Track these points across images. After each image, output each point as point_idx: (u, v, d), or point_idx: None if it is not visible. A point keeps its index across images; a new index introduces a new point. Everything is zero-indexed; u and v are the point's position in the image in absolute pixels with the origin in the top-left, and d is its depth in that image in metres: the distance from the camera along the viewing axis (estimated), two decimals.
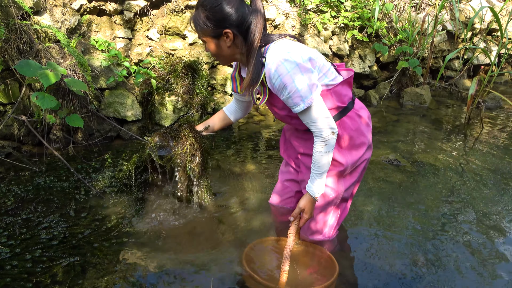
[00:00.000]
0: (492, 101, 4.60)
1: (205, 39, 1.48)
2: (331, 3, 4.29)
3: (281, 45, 1.44)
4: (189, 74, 3.40)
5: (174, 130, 1.94)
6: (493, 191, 2.54)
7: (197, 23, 1.45)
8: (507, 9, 5.02)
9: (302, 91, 1.40)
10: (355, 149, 1.66)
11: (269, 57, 1.43)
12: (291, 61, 1.39)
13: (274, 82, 1.43)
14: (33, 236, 1.93)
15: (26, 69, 2.33)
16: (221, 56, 1.53)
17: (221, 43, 1.47)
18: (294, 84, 1.39)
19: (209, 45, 1.49)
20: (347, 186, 1.72)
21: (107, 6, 3.24)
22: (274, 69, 1.40)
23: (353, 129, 1.62)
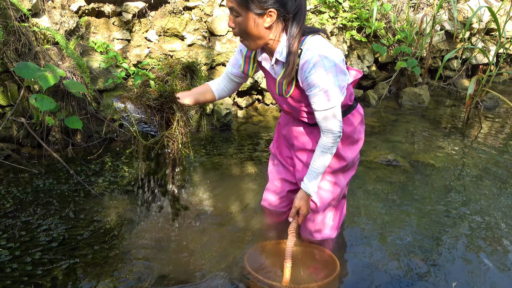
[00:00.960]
0: (491, 100, 4.61)
1: (243, 12, 1.34)
2: (329, 4, 4.29)
3: (320, 40, 1.41)
4: (188, 75, 3.40)
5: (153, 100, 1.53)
6: (492, 191, 2.55)
7: None
8: (505, 8, 5.03)
9: (333, 92, 1.41)
10: (354, 144, 1.74)
11: (306, 50, 1.39)
12: (330, 59, 1.38)
13: (307, 75, 1.40)
14: (32, 239, 1.93)
15: (24, 71, 2.32)
16: (251, 36, 1.40)
17: (260, 21, 1.36)
18: (328, 83, 1.39)
19: (244, 20, 1.36)
20: (347, 181, 1.79)
21: (105, 8, 3.24)
22: (313, 63, 1.37)
23: (355, 125, 1.70)
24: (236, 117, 3.82)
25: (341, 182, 1.74)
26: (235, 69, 1.69)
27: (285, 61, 1.43)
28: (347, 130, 1.66)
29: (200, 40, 3.55)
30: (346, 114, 1.65)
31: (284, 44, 1.42)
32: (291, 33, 1.39)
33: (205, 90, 1.74)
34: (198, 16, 3.54)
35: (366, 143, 3.29)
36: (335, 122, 1.48)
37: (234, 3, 1.34)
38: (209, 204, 2.29)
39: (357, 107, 1.72)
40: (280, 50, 1.44)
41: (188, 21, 3.51)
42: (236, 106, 3.91)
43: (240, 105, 3.92)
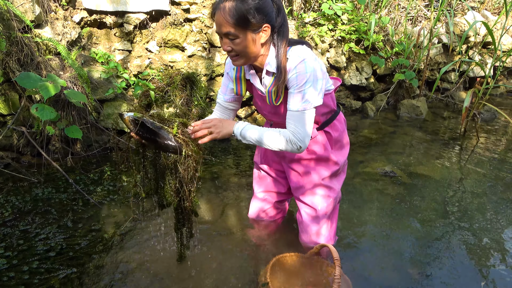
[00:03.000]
0: (488, 113, 4.64)
1: (240, 34, 1.38)
2: (328, 17, 4.35)
3: (304, 49, 1.48)
4: (188, 86, 3.42)
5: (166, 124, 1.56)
6: (489, 204, 2.56)
7: (237, 14, 1.34)
8: (501, 22, 5.10)
9: (305, 96, 1.44)
10: (343, 148, 1.81)
11: (291, 57, 1.45)
12: (311, 65, 1.43)
13: (290, 76, 1.45)
14: (30, 248, 1.94)
15: (26, 81, 2.36)
16: (250, 54, 1.44)
17: (257, 38, 1.41)
18: (305, 84, 1.43)
19: (242, 40, 1.39)
20: (341, 184, 1.84)
21: (107, 19, 3.29)
22: (295, 65, 1.43)
23: (341, 130, 1.77)
24: None
25: (335, 186, 1.80)
26: (228, 95, 1.73)
27: (276, 71, 1.47)
28: (335, 135, 1.73)
29: (200, 51, 3.60)
30: (332, 120, 1.71)
31: (273, 55, 1.48)
32: (279, 45, 1.45)
33: None
34: (198, 28, 3.59)
35: (363, 154, 3.32)
36: (303, 127, 1.46)
37: (231, 28, 1.37)
38: (207, 214, 2.30)
39: (340, 113, 1.79)
40: (269, 61, 1.49)
41: (189, 32, 3.56)
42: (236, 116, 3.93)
43: (239, 116, 3.95)
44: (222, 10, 1.36)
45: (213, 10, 1.43)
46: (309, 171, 1.75)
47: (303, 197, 1.80)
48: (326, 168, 1.74)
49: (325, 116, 1.68)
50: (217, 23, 1.40)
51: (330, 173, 1.75)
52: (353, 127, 4.06)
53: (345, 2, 4.53)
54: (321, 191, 1.76)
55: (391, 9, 4.96)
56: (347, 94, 4.64)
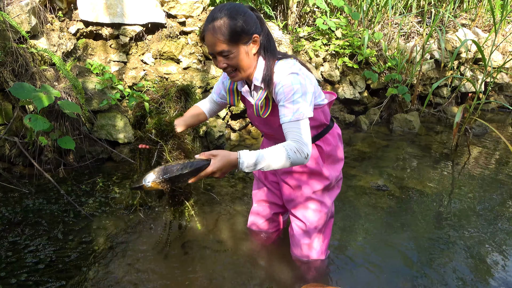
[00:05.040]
0: (480, 128, 4.70)
1: (233, 49, 1.41)
2: (322, 31, 4.42)
3: (290, 62, 1.51)
4: (182, 97, 3.45)
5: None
6: (481, 217, 2.58)
7: (228, 31, 1.37)
8: (491, 39, 5.20)
9: (296, 105, 1.42)
10: (336, 163, 1.80)
11: (277, 71, 1.48)
12: (297, 77, 1.45)
13: (277, 90, 1.47)
14: (19, 260, 1.91)
15: (20, 92, 2.36)
16: (244, 66, 1.47)
17: (249, 49, 1.45)
18: (293, 96, 1.43)
19: (236, 56, 1.42)
20: (333, 199, 1.84)
21: (103, 31, 3.31)
22: (280, 79, 1.46)
23: (334, 145, 1.76)
24: (229, 139, 3.85)
25: (327, 201, 1.79)
26: (219, 98, 1.80)
27: (262, 84, 1.50)
28: (327, 149, 1.73)
29: (195, 63, 3.63)
30: (324, 134, 1.72)
31: (260, 69, 1.50)
32: (268, 56, 1.48)
33: (198, 112, 1.82)
34: (194, 41, 3.62)
35: (356, 167, 3.34)
36: (304, 136, 1.41)
37: (224, 45, 1.39)
38: (200, 225, 2.28)
39: (334, 126, 1.79)
40: (257, 76, 1.51)
41: (184, 45, 3.59)
42: (229, 128, 3.95)
43: (233, 128, 3.96)
44: (212, 30, 1.38)
45: (202, 33, 1.46)
46: (300, 185, 1.76)
47: (294, 211, 1.81)
48: (318, 182, 1.75)
49: (315, 129, 1.68)
50: (209, 44, 1.43)
51: (322, 187, 1.76)
52: (346, 140, 4.09)
53: (339, 17, 4.61)
54: (312, 205, 1.77)
55: (384, 25, 5.04)
56: (341, 107, 4.68)
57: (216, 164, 1.34)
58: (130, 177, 2.92)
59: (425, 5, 5.23)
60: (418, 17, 5.58)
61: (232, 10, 1.39)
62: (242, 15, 1.40)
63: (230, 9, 1.39)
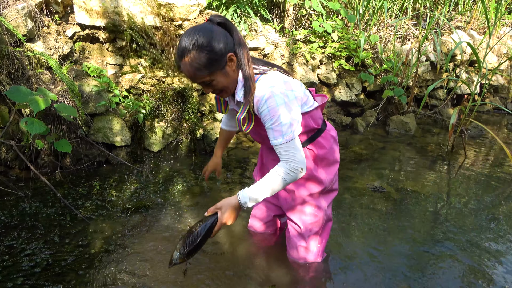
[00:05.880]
0: (475, 129, 4.72)
1: (213, 77, 1.42)
2: (319, 34, 4.44)
3: (272, 77, 1.48)
4: (179, 100, 3.46)
5: None
6: (478, 218, 2.59)
7: (201, 64, 1.37)
8: (486, 41, 5.24)
9: (284, 127, 1.44)
10: (330, 166, 1.78)
11: (259, 87, 1.46)
12: (281, 96, 1.44)
13: (261, 111, 1.47)
14: (15, 263, 1.90)
15: (16, 95, 2.36)
16: (229, 85, 1.49)
17: (228, 70, 1.44)
18: (279, 118, 1.44)
19: (217, 80, 1.44)
20: (329, 202, 1.82)
21: (100, 34, 3.32)
22: (265, 100, 1.43)
23: (327, 148, 1.73)
24: None
25: (322, 204, 1.78)
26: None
27: (243, 100, 1.49)
28: (320, 153, 1.71)
29: None
30: (316, 137, 1.70)
31: (241, 84, 1.50)
32: (243, 67, 1.46)
33: (228, 136, 2.03)
34: None
35: (353, 169, 3.35)
36: (296, 154, 1.47)
37: (203, 77, 1.41)
38: None
39: (327, 129, 1.77)
40: (238, 92, 1.51)
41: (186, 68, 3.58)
42: None
43: None
44: (186, 66, 1.39)
45: (178, 67, 1.47)
46: (295, 188, 1.75)
47: (290, 214, 1.81)
48: (313, 185, 1.74)
49: (305, 134, 1.67)
50: (188, 77, 1.44)
51: (317, 191, 1.75)
52: (343, 142, 4.10)
53: (335, 20, 4.63)
54: (308, 208, 1.77)
55: (380, 28, 5.07)
56: (338, 110, 4.70)
57: (224, 215, 1.49)
58: (127, 180, 2.92)
59: (421, 8, 5.26)
60: (413, 19, 5.62)
61: (198, 40, 1.36)
62: (209, 41, 1.37)
63: (196, 40, 1.36)
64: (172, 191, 2.79)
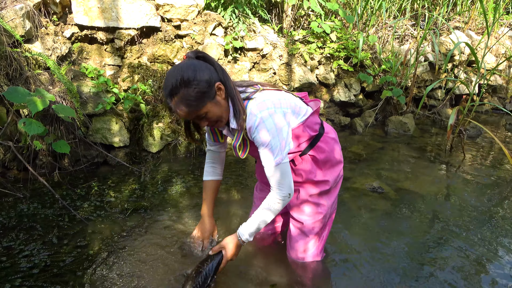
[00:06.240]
0: (474, 129, 4.73)
1: (205, 109, 1.45)
2: (317, 34, 4.44)
3: (259, 101, 1.52)
4: None
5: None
6: (476, 218, 2.59)
7: (192, 99, 1.40)
8: (484, 41, 5.25)
9: (275, 151, 1.51)
10: (334, 167, 1.81)
11: (249, 114, 1.50)
12: (270, 120, 1.49)
13: (254, 137, 1.53)
14: (13, 265, 1.90)
15: (14, 96, 2.35)
16: (223, 114, 1.52)
17: (218, 99, 1.48)
18: (270, 142, 1.50)
19: (211, 112, 1.47)
20: (332, 200, 1.84)
21: (98, 35, 3.31)
22: (255, 127, 1.49)
23: (329, 151, 1.75)
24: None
25: (324, 203, 1.80)
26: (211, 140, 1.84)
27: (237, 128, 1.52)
28: (321, 157, 1.73)
29: None
30: (315, 143, 1.72)
31: (232, 112, 1.52)
32: (231, 96, 1.50)
33: (215, 187, 1.91)
34: (189, 44, 3.63)
35: (352, 169, 3.35)
36: (285, 179, 1.56)
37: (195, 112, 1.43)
38: None
39: (326, 131, 1.78)
40: (231, 120, 1.54)
41: (179, 48, 3.59)
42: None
43: None
44: (177, 105, 1.41)
45: (169, 110, 1.48)
46: (298, 188, 1.78)
47: (292, 212, 1.83)
48: (315, 186, 1.76)
49: (305, 143, 1.70)
50: (181, 116, 1.46)
51: (320, 191, 1.77)
52: (342, 143, 4.08)
53: (334, 20, 4.63)
54: (310, 207, 1.78)
55: (378, 28, 5.08)
56: (336, 110, 4.70)
57: (228, 253, 1.66)
58: (125, 181, 2.91)
59: (419, 8, 5.27)
60: (412, 20, 5.62)
61: (184, 76, 1.38)
62: (194, 75, 1.39)
63: (182, 77, 1.38)
64: (171, 192, 2.79)
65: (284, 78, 4.14)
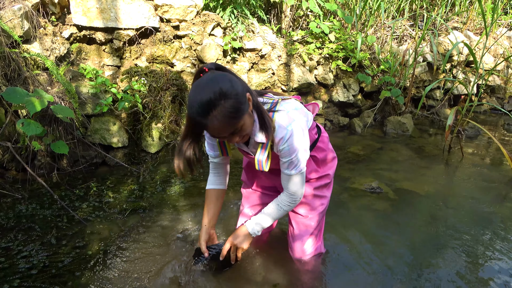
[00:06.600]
0: (472, 130, 4.74)
1: (242, 122, 1.37)
2: (316, 35, 4.45)
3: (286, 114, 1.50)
4: (176, 101, 3.46)
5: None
6: (475, 218, 2.60)
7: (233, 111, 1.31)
8: (483, 42, 5.26)
9: (300, 162, 1.55)
10: (332, 161, 1.91)
11: (278, 127, 1.48)
12: (299, 133, 1.50)
13: (281, 147, 1.51)
14: (12, 265, 1.90)
15: (13, 96, 2.35)
16: (252, 126, 1.46)
17: (249, 111, 1.41)
18: (297, 154, 1.53)
19: (246, 124, 1.40)
20: (330, 193, 1.94)
21: (97, 35, 3.31)
22: (286, 140, 1.49)
23: (325, 149, 1.85)
24: None
25: (328, 194, 1.91)
26: (215, 152, 1.78)
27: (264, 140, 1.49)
28: (321, 156, 1.81)
29: (189, 67, 3.63)
30: (315, 145, 1.77)
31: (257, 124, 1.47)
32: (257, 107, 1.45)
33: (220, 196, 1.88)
34: (188, 45, 3.63)
35: (351, 170, 3.35)
36: (300, 188, 1.63)
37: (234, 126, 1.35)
38: (195, 230, 2.28)
39: (322, 132, 1.85)
40: (256, 133, 1.49)
41: (178, 49, 3.59)
42: None
43: None
44: (216, 120, 1.30)
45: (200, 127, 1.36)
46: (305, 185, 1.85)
47: (297, 208, 1.87)
48: (318, 181, 1.85)
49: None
50: (216, 132, 1.35)
51: (322, 184, 1.87)
52: (340, 143, 4.10)
53: (333, 21, 4.64)
54: (315, 200, 1.86)
55: (377, 28, 5.09)
56: (335, 110, 4.70)
57: (230, 238, 1.72)
58: (124, 182, 2.91)
59: (417, 8, 5.28)
60: (410, 20, 5.63)
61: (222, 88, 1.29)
62: (231, 85, 1.31)
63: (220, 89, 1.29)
64: (170, 192, 2.79)
65: (282, 78, 4.14)
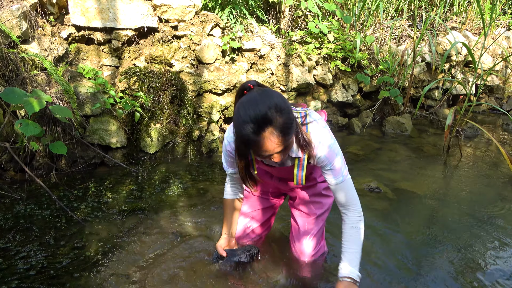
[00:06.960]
0: (471, 130, 4.74)
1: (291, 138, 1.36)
2: (314, 35, 4.45)
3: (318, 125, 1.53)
4: (175, 102, 3.45)
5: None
6: (474, 218, 2.60)
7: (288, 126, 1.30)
8: (481, 42, 5.27)
9: (341, 166, 1.56)
10: None
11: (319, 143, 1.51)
12: (332, 142, 1.54)
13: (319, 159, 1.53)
14: (9, 266, 1.89)
15: (11, 97, 2.34)
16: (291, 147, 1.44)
17: None
18: (335, 160, 1.54)
19: (292, 140, 1.40)
20: None
21: (95, 35, 3.31)
22: (326, 156, 1.52)
23: None
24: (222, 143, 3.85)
25: (331, 194, 1.90)
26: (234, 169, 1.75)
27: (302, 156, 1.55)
28: None
29: (188, 67, 3.63)
30: None
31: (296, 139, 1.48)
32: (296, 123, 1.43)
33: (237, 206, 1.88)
34: (186, 45, 3.62)
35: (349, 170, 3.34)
36: (353, 194, 1.59)
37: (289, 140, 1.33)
38: (193, 230, 2.28)
39: None
40: (295, 147, 1.52)
41: (177, 49, 3.59)
42: (223, 132, 3.95)
43: None
44: (271, 136, 1.27)
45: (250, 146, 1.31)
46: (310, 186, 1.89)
47: (303, 207, 1.90)
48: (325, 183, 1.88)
49: None
50: (268, 149, 1.31)
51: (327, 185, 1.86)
52: (339, 143, 4.07)
53: (331, 21, 4.64)
54: (321, 199, 1.89)
55: (376, 29, 5.09)
56: (334, 110, 4.70)
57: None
58: (122, 182, 2.91)
59: (416, 8, 5.28)
60: (409, 20, 5.64)
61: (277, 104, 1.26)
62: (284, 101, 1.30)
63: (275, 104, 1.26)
64: (168, 193, 2.78)
65: (281, 78, 4.14)
